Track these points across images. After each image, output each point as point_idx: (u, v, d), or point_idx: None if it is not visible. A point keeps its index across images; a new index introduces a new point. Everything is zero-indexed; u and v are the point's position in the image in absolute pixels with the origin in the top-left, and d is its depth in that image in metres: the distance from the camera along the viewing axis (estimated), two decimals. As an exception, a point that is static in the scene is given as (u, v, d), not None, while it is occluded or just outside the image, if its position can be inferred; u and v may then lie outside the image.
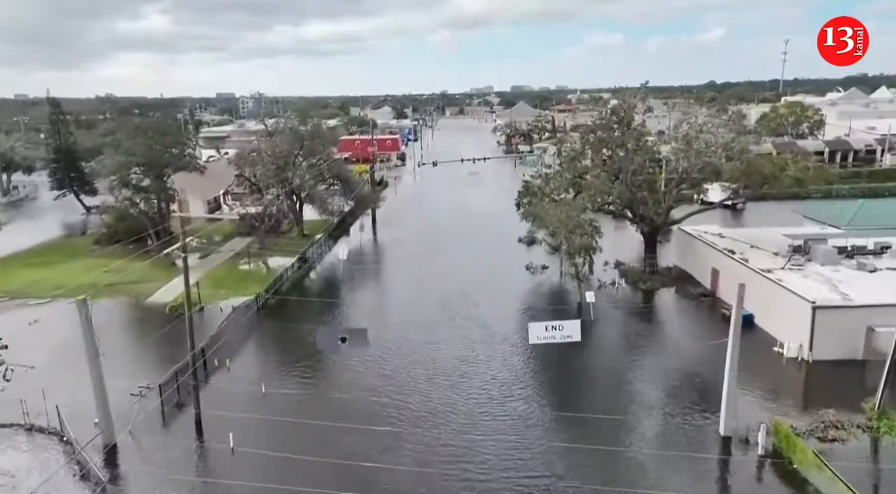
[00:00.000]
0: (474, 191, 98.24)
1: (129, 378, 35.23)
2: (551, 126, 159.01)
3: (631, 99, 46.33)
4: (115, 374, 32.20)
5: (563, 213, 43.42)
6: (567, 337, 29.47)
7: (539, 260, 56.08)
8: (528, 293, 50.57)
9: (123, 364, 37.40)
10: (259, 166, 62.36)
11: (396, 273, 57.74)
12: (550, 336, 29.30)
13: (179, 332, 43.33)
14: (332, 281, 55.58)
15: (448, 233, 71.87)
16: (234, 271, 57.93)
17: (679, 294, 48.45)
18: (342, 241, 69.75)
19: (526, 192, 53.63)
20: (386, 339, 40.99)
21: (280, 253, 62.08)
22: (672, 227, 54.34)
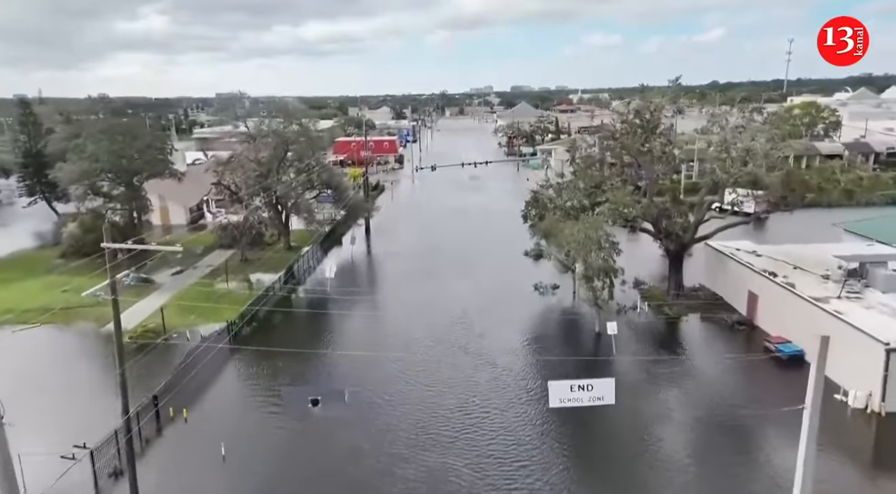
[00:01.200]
0: (475, 198, 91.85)
1: (65, 432, 28.90)
2: (554, 127, 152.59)
3: (658, 99, 39.89)
4: (45, 427, 26.03)
5: (581, 233, 37.07)
6: (597, 399, 23.16)
7: (548, 276, 49.71)
8: (537, 319, 44.24)
9: (60, 414, 31.16)
10: (239, 173, 55.92)
11: (390, 293, 51.34)
12: (577, 398, 22.97)
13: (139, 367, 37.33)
14: (319, 302, 49.20)
15: (448, 244, 65.56)
16: (211, 290, 51.57)
17: (710, 321, 42.10)
18: (332, 254, 63.41)
19: (535, 204, 47.22)
20: (377, 382, 34.69)
21: (263, 269, 55.82)
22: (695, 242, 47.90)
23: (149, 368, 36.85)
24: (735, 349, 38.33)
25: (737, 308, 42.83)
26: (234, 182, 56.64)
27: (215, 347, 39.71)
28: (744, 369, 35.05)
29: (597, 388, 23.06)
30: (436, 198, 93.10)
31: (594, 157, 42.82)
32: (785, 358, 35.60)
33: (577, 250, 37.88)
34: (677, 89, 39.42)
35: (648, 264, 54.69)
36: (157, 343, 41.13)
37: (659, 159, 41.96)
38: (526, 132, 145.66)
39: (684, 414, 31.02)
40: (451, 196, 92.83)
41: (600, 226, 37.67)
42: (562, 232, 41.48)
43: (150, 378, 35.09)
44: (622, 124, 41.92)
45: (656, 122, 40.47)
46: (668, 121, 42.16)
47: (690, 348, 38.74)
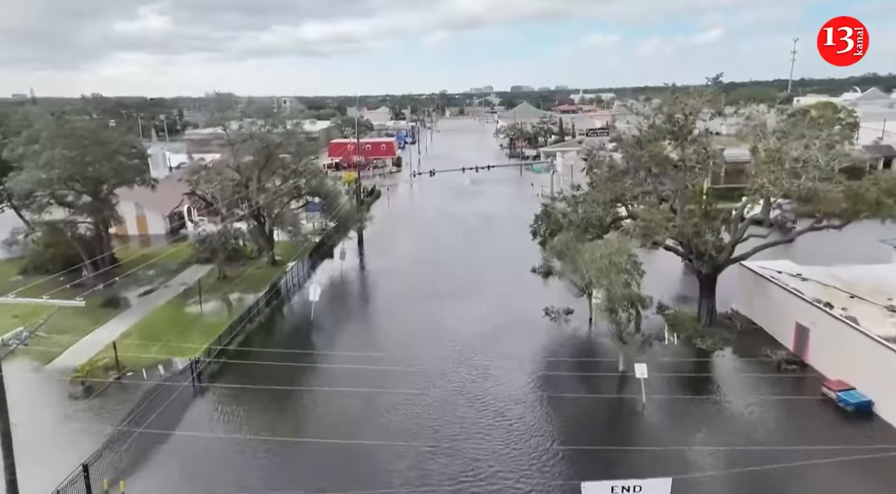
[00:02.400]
0: (477, 205, 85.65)
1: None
2: (558, 128, 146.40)
3: (694, 100, 33.71)
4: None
5: (606, 259, 30.94)
6: (647, 504, 17.19)
7: (558, 297, 43.66)
8: (549, 353, 38.09)
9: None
10: (215, 182, 49.79)
11: (383, 320, 45.09)
12: (620, 504, 17.05)
13: (79, 418, 31.29)
14: (301, 329, 43.09)
15: (447, 258, 59.45)
16: (182, 314, 45.47)
17: (751, 357, 35.98)
18: (321, 269, 57.26)
19: (545, 218, 41.15)
20: (363, 438, 28.59)
21: (242, 287, 49.69)
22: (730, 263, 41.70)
23: (89, 420, 30.82)
24: (784, 393, 32.23)
25: (781, 342, 36.72)
26: (210, 192, 50.45)
27: (177, 387, 33.76)
28: (803, 424, 28.93)
29: (647, 490, 17.03)
30: (435, 204, 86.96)
31: (617, 168, 36.64)
32: (850, 409, 29.54)
33: (598, 276, 31.79)
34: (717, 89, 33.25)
35: (669, 282, 48.69)
36: (108, 383, 35.13)
37: (691, 169, 35.85)
38: (529, 133, 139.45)
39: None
40: (452, 202, 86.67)
41: (627, 251, 31.58)
42: (579, 253, 35.45)
43: (86, 434, 29.06)
44: (649, 129, 35.74)
45: (691, 127, 34.38)
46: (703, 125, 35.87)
47: (732, 392, 32.55)
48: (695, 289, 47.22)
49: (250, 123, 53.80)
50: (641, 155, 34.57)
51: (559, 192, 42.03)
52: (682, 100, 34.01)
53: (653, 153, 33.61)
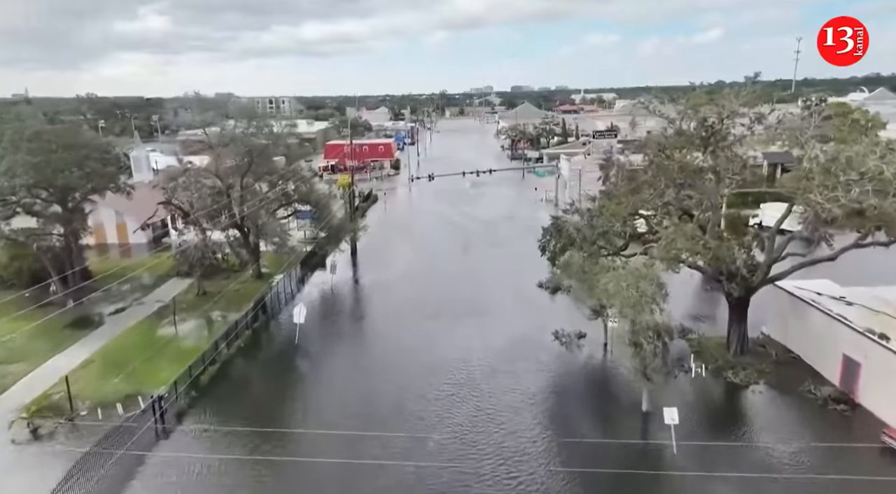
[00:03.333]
0: (478, 211, 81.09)
1: None
2: (561, 129, 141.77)
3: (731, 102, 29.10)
4: None
5: (632, 288, 26.43)
6: None
7: (567, 316, 39.33)
8: (561, 386, 33.51)
9: None
10: (192, 191, 45.25)
11: (374, 346, 40.31)
12: None
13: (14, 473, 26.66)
14: (284, 357, 38.53)
15: (447, 270, 54.90)
16: (153, 336, 40.96)
17: (791, 393, 31.43)
18: (310, 283, 52.72)
19: (556, 233, 36.66)
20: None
21: (223, 304, 45.17)
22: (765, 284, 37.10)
23: (25, 477, 26.37)
24: (835, 439, 27.77)
25: (825, 375, 32.20)
26: (188, 200, 45.88)
27: (137, 430, 29.28)
28: (866, 484, 24.42)
29: None
30: (434, 210, 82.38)
31: (639, 179, 32.09)
32: (918, 463, 25.07)
33: (622, 307, 27.31)
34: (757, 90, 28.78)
35: (686, 299, 44.26)
36: (62, 420, 30.68)
37: (721, 180, 31.33)
38: (531, 134, 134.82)
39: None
40: (451, 208, 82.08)
41: (655, 278, 27.09)
42: (596, 277, 30.97)
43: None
44: (676, 136, 31.15)
45: (725, 133, 29.87)
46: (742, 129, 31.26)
47: (775, 437, 27.99)
48: (716, 306, 43.07)
49: (233, 126, 49.23)
50: (669, 165, 29.99)
51: (570, 204, 37.38)
52: (717, 102, 29.39)
53: (683, 163, 29.04)
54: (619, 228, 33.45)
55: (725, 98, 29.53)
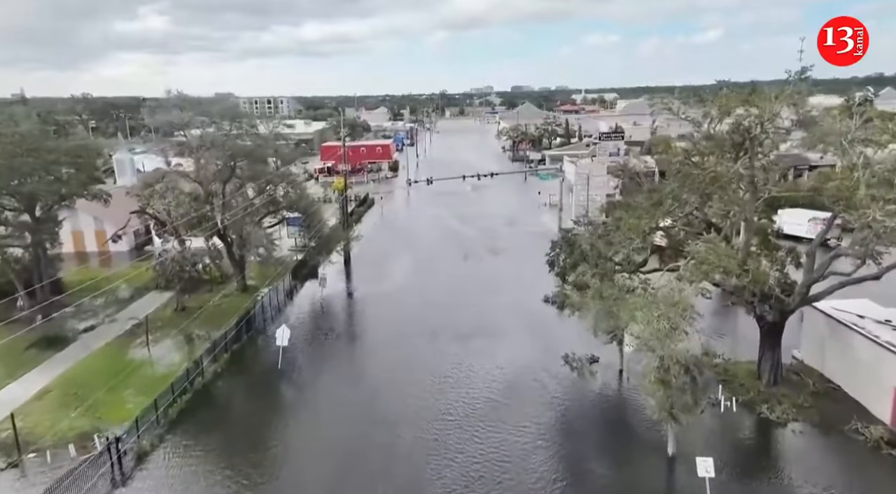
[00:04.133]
0: (479, 217, 77.17)
1: None
2: (563, 130, 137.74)
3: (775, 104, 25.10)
4: None
5: (662, 319, 22.50)
6: None
7: (577, 335, 35.47)
8: (575, 422, 29.66)
9: None
10: (170, 198, 41.35)
11: (365, 373, 36.08)
12: None
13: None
14: (263, 386, 34.54)
15: (446, 284, 50.95)
16: (123, 360, 37.05)
17: (836, 432, 27.50)
18: (300, 297, 48.80)
19: (567, 248, 32.80)
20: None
21: (203, 321, 41.22)
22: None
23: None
24: (890, 490, 23.92)
25: (873, 412, 28.31)
26: (165, 208, 41.96)
27: (91, 476, 25.41)
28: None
29: None
30: (433, 215, 78.43)
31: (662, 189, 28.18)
32: None
33: (650, 339, 23.42)
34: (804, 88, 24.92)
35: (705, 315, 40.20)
36: (7, 465, 26.83)
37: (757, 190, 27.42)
38: (532, 135, 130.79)
39: None
40: (451, 213, 78.11)
41: (688, 305, 23.20)
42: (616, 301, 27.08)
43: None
44: (706, 141, 27.19)
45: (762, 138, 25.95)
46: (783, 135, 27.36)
47: (825, 489, 24.11)
48: (738, 323, 39.42)
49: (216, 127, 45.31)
50: (699, 174, 26.07)
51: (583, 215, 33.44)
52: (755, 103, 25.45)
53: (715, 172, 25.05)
54: (639, 244, 29.54)
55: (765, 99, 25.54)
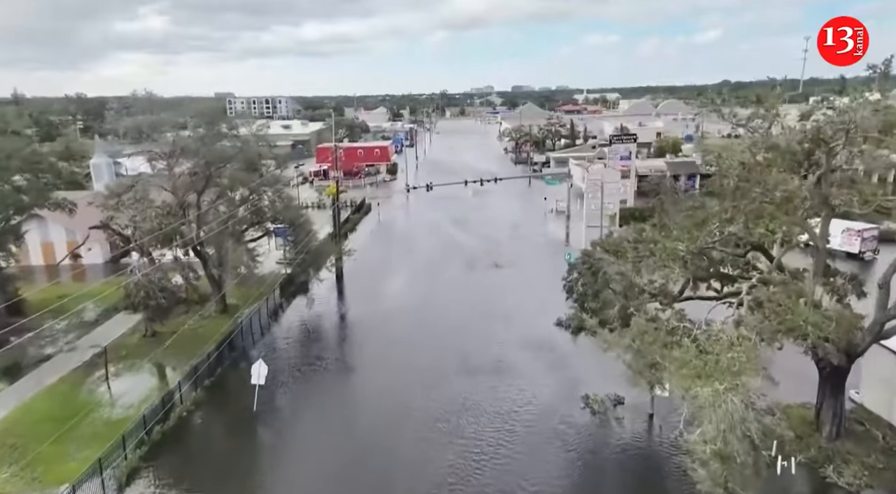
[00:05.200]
0: (482, 224, 72.22)
1: None
2: (568, 131, 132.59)
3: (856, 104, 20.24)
4: None
5: (730, 393, 17.40)
6: None
7: (595, 367, 30.67)
8: (599, 486, 24.72)
9: None
10: (136, 210, 36.33)
11: (356, 419, 31.19)
12: None
13: None
14: (234, 435, 29.43)
15: (449, 305, 45.78)
16: (77, 399, 32.04)
17: (920, 503, 22.61)
18: (286, 318, 43.79)
19: (590, 276, 27.80)
20: None
21: (175, 350, 36.13)
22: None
23: None
24: None
25: (965, 477, 23.34)
26: (131, 222, 36.95)
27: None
28: None
29: None
30: (433, 222, 73.36)
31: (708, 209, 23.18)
32: None
33: (704, 404, 18.42)
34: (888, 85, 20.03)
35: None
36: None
37: (831, 212, 22.43)
38: (536, 137, 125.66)
39: None
40: (452, 220, 73.07)
41: (757, 368, 18.18)
42: (653, 343, 22.07)
43: None
44: (767, 152, 22.18)
45: (838, 149, 21.02)
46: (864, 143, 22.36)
47: None
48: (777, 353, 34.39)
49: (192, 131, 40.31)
50: (760, 192, 21.05)
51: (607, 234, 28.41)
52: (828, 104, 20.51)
53: (790, 192, 19.94)
54: (678, 274, 24.56)
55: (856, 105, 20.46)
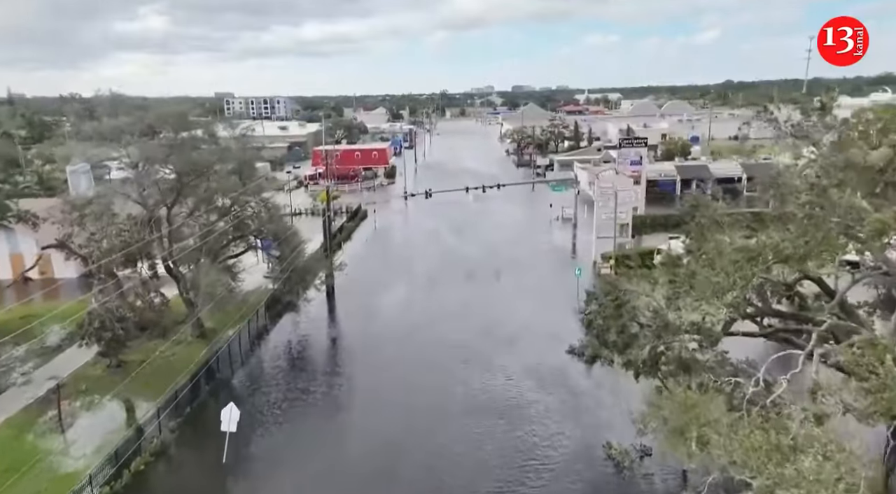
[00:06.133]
0: (485, 233, 68.00)
1: None
2: (572, 133, 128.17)
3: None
4: None
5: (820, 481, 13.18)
6: None
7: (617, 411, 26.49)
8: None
9: None
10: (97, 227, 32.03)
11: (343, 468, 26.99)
12: None
13: None
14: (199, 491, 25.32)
15: (449, 327, 41.41)
16: (23, 445, 27.80)
17: None
18: (271, 343, 39.56)
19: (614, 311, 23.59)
20: None
21: (141, 384, 31.91)
22: None
23: None
24: None
25: None
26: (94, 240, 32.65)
27: None
28: None
29: None
30: (432, 232, 69.01)
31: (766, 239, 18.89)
32: None
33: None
34: None
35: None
36: None
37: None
38: (539, 139, 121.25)
39: None
40: (453, 229, 68.79)
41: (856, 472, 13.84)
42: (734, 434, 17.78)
43: None
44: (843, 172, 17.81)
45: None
46: None
47: None
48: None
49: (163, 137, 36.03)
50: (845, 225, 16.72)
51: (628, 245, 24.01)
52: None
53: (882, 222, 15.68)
54: (726, 315, 20.35)
55: None
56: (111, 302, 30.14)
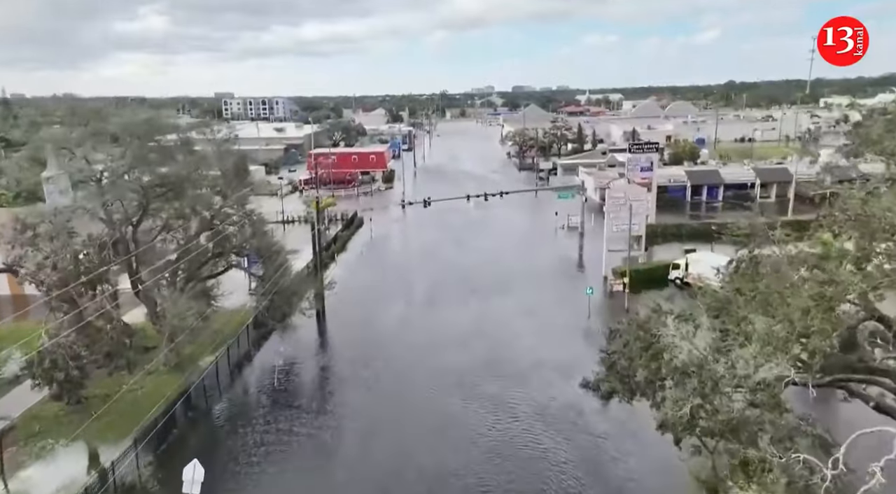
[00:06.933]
0: (487, 243, 64.09)
1: None
2: (575, 135, 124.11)
3: None
4: None
5: None
6: None
7: (645, 461, 22.64)
8: None
9: None
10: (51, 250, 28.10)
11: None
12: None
13: None
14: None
15: (450, 356, 37.40)
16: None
17: None
18: (254, 373, 35.64)
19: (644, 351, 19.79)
20: None
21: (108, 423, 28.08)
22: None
23: None
24: None
25: None
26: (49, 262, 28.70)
27: None
28: None
29: None
30: (431, 243, 65.01)
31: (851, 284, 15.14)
32: None
33: None
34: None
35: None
36: None
37: None
38: (542, 141, 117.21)
39: None
40: (453, 240, 64.84)
41: None
42: None
43: None
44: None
45: None
46: None
47: None
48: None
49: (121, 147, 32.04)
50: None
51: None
52: None
53: None
54: (788, 367, 16.51)
55: None
56: (66, 338, 26.14)
